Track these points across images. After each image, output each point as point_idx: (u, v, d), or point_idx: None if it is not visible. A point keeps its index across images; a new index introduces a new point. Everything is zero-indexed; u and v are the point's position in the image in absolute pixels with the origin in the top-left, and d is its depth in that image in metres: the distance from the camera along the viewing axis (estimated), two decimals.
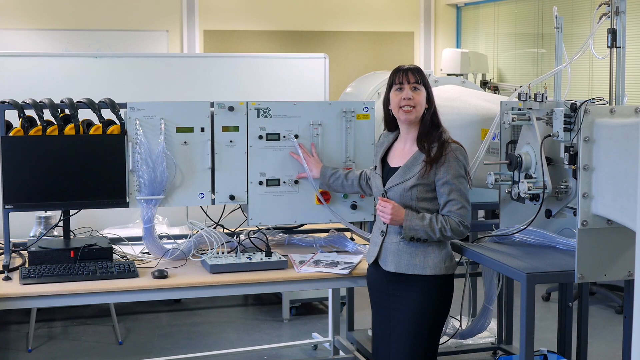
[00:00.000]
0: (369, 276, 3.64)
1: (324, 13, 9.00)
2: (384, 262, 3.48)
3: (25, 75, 4.46)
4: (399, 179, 3.44)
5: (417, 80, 3.44)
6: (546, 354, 4.08)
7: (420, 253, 3.41)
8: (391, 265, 3.45)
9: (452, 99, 4.36)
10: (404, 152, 3.50)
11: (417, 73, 3.46)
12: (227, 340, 5.49)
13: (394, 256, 3.44)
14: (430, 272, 3.40)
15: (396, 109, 3.46)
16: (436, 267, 3.41)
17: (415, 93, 3.42)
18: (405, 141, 3.52)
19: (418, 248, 3.41)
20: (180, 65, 4.88)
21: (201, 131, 3.89)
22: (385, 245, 3.48)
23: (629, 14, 3.30)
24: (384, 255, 3.48)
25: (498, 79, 8.79)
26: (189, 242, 3.89)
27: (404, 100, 3.42)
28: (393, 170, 3.48)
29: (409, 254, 3.42)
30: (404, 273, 3.43)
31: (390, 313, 3.49)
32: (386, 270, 3.47)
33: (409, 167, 3.43)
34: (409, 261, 3.42)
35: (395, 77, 3.48)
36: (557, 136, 3.17)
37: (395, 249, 3.45)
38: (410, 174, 3.41)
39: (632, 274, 3.15)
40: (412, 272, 3.41)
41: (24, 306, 3.70)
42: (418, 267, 3.41)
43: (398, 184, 3.43)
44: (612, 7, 3.28)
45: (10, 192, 3.68)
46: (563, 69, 3.58)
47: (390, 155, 3.55)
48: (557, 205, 3.30)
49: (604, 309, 6.19)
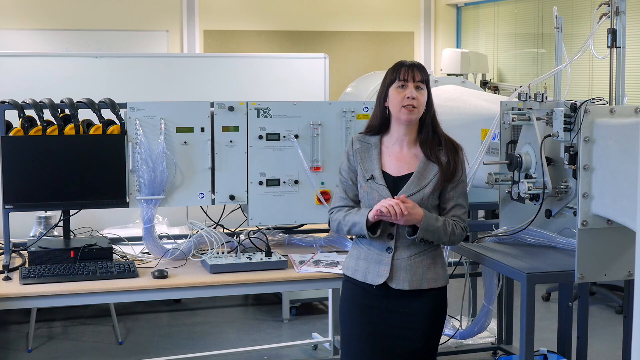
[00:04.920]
0: (350, 292, 3.27)
1: (324, 13, 9.00)
2: (396, 281, 3.15)
3: (25, 75, 4.47)
4: (416, 187, 3.16)
5: (422, 79, 3.18)
6: (546, 354, 4.09)
7: (431, 265, 3.18)
8: (404, 282, 3.15)
9: (452, 99, 4.36)
10: (402, 156, 3.22)
11: (422, 71, 3.19)
12: (227, 340, 5.48)
13: (407, 273, 3.15)
14: (442, 284, 3.21)
15: (397, 108, 3.16)
16: (446, 278, 3.23)
17: (419, 93, 3.16)
18: (401, 144, 3.22)
19: (428, 259, 3.17)
20: (180, 65, 4.88)
21: (201, 131, 3.89)
22: (397, 263, 3.15)
23: (629, 14, 3.30)
24: (396, 273, 3.15)
25: (498, 79, 8.79)
26: (189, 242, 3.89)
27: (407, 99, 3.14)
28: (399, 178, 3.19)
29: (421, 267, 3.16)
30: (417, 289, 3.16)
31: (386, 330, 3.18)
32: (396, 288, 3.15)
33: (422, 173, 3.17)
34: (423, 275, 3.16)
35: (398, 73, 3.18)
36: (557, 136, 3.17)
37: (406, 264, 3.15)
38: (425, 181, 3.16)
39: (632, 274, 3.15)
40: (427, 287, 3.16)
41: (24, 306, 3.70)
42: (431, 281, 3.17)
43: (415, 192, 3.14)
44: (612, 7, 3.28)
45: (10, 192, 3.68)
46: (563, 69, 3.58)
47: (384, 163, 3.23)
48: (557, 205, 3.30)
49: (604, 309, 6.19)
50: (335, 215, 3.27)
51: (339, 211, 3.26)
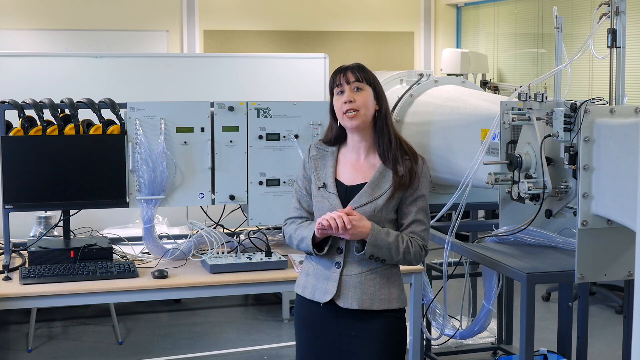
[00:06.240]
0: (302, 311, 3.04)
1: (324, 13, 9.01)
2: (344, 299, 2.90)
3: (25, 75, 4.47)
4: (367, 197, 2.90)
5: (358, 79, 2.91)
6: (546, 354, 4.09)
7: (385, 284, 2.91)
8: (353, 301, 2.89)
9: (452, 99, 4.36)
10: (359, 165, 2.98)
11: (358, 70, 2.92)
12: (227, 340, 5.48)
13: (356, 291, 2.89)
14: (396, 306, 2.93)
15: (341, 116, 2.92)
16: (401, 299, 2.95)
17: (358, 93, 2.90)
18: (357, 152, 2.98)
19: (381, 277, 2.91)
20: (180, 65, 4.88)
21: (201, 131, 3.89)
22: (345, 280, 2.90)
23: (629, 14, 3.29)
24: (344, 290, 2.90)
25: (498, 79, 8.79)
26: (189, 242, 3.89)
27: (345, 104, 2.90)
28: (352, 188, 2.94)
29: (372, 286, 2.89)
30: (367, 309, 2.90)
31: (340, 355, 2.95)
32: (344, 307, 2.90)
33: (376, 183, 2.92)
34: (374, 294, 2.89)
35: (334, 78, 2.95)
36: (557, 136, 3.17)
37: (356, 282, 2.89)
38: (379, 191, 2.91)
39: (632, 274, 3.15)
40: (378, 307, 2.90)
41: (24, 306, 3.70)
42: (384, 301, 2.90)
43: (367, 203, 2.90)
44: (612, 7, 3.27)
45: (10, 192, 3.68)
46: (563, 69, 3.58)
47: (339, 171, 3.00)
48: (557, 205, 3.30)
49: (604, 309, 6.19)
50: (288, 227, 3.06)
51: (292, 223, 3.06)
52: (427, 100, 4.49)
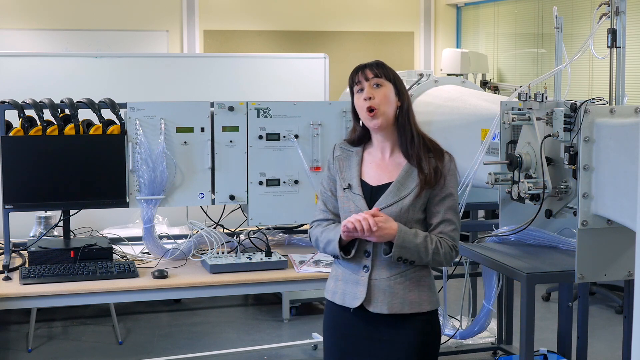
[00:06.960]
0: (332, 316, 2.95)
1: (324, 13, 9.00)
2: (374, 304, 2.81)
3: (25, 75, 4.47)
4: (393, 197, 2.81)
5: (377, 75, 2.85)
6: (546, 354, 4.09)
7: (414, 287, 2.82)
8: (383, 306, 2.80)
9: (452, 99, 4.36)
10: (384, 164, 2.89)
11: (376, 67, 2.87)
12: (227, 340, 5.48)
13: (385, 295, 2.80)
14: (427, 308, 2.84)
15: (364, 115, 2.86)
16: (432, 301, 2.86)
17: (377, 90, 2.84)
18: (382, 151, 2.90)
19: (410, 280, 2.81)
20: (180, 65, 4.89)
21: (201, 131, 3.89)
22: (374, 283, 2.81)
23: (629, 14, 3.29)
24: (373, 295, 2.82)
25: (498, 79, 8.79)
26: (189, 242, 3.89)
27: (365, 101, 2.84)
28: (378, 188, 2.86)
29: (402, 289, 2.80)
30: (397, 313, 2.81)
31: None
32: (374, 312, 2.82)
33: (402, 182, 2.83)
34: (404, 298, 2.80)
35: (353, 75, 2.91)
36: (557, 136, 3.17)
37: (385, 285, 2.80)
38: (405, 191, 2.81)
39: (632, 274, 3.15)
40: (408, 311, 2.81)
41: (24, 306, 3.70)
42: (414, 304, 2.81)
43: (393, 203, 2.80)
44: (612, 7, 3.27)
45: (10, 192, 3.68)
46: (563, 69, 3.58)
47: (364, 171, 2.91)
48: (557, 205, 3.30)
49: (604, 309, 6.19)
50: (314, 230, 2.96)
51: (318, 226, 2.96)
52: (427, 100, 4.49)
